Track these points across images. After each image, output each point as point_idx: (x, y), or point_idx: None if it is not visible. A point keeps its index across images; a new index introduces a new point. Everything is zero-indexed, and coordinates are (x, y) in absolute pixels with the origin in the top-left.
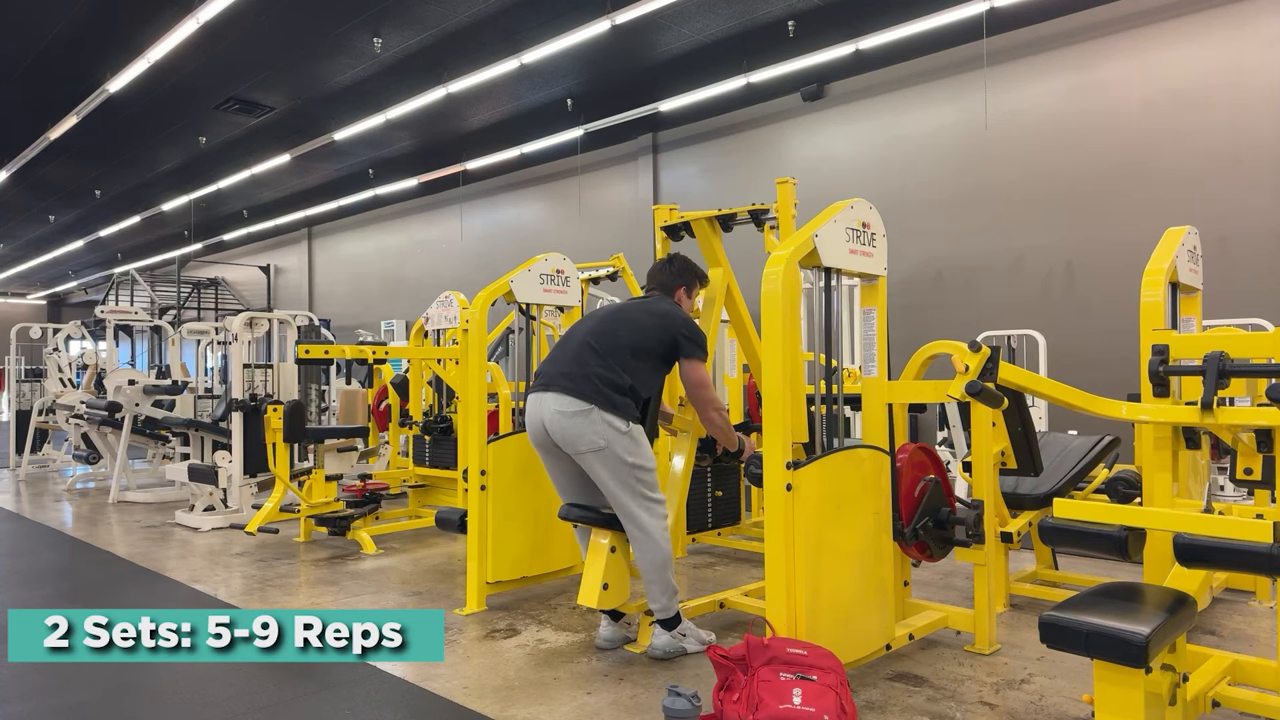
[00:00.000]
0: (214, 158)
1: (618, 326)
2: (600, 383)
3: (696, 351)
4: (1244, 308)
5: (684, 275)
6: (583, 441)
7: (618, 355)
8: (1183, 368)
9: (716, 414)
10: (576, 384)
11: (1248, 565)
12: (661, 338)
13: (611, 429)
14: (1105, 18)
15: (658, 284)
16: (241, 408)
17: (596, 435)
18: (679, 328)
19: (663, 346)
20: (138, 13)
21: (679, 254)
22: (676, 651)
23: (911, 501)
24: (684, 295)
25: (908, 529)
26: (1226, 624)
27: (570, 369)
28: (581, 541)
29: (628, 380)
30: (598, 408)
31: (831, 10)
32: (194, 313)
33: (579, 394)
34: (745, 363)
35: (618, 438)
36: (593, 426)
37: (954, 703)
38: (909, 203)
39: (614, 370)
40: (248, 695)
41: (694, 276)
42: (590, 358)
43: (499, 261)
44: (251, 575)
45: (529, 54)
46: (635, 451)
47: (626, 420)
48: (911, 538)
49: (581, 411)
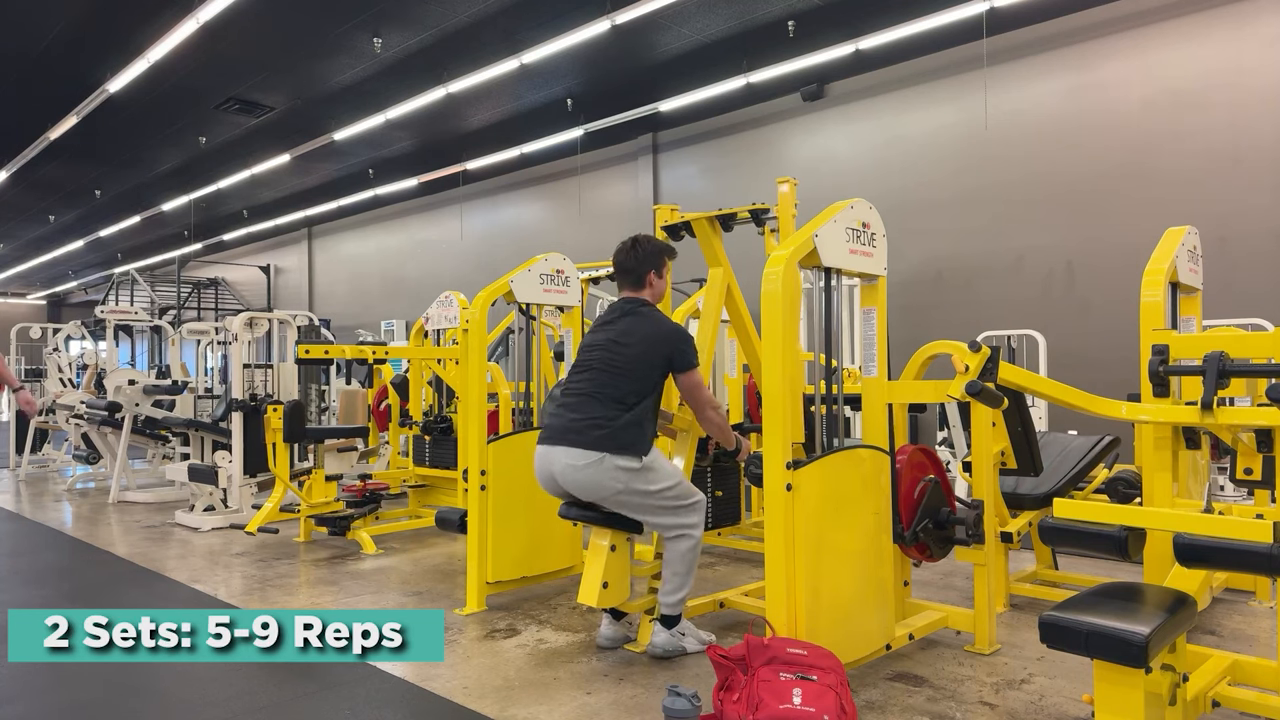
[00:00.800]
0: (214, 158)
1: (612, 362)
2: (606, 426)
3: (690, 361)
4: (1244, 308)
5: (652, 258)
6: (601, 489)
7: (616, 391)
8: (1183, 368)
9: (714, 412)
10: (582, 435)
11: (1248, 565)
12: (653, 361)
13: (625, 471)
14: (1105, 18)
15: (627, 275)
16: (241, 408)
17: (613, 480)
18: (670, 345)
19: (657, 370)
20: (138, 13)
21: (642, 235)
22: (676, 650)
23: (911, 504)
24: (654, 278)
25: (908, 532)
26: (1226, 624)
27: (573, 421)
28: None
29: (632, 413)
30: (608, 454)
31: (831, 10)
32: (194, 313)
33: (586, 444)
34: (745, 363)
35: (634, 476)
36: (607, 473)
37: (954, 703)
38: (909, 203)
39: (615, 408)
40: (248, 695)
41: (662, 254)
42: (593, 406)
43: (499, 261)
44: (251, 575)
45: (529, 54)
46: (655, 479)
47: (638, 456)
48: (911, 540)
49: (592, 463)
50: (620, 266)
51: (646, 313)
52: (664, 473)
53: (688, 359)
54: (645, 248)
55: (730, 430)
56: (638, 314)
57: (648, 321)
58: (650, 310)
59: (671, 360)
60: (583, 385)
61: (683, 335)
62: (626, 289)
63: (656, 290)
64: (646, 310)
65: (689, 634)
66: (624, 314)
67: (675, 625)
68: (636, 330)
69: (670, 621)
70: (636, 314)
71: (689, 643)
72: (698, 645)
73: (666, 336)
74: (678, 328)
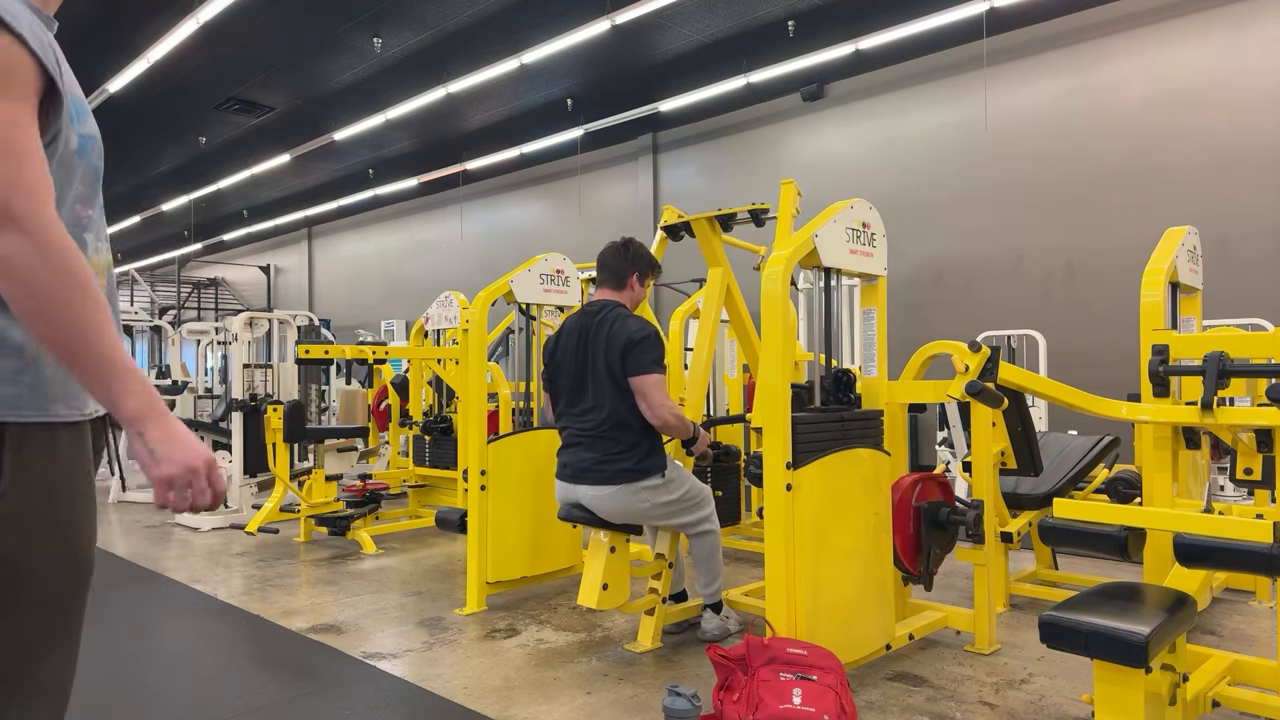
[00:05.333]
0: (214, 158)
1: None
2: (625, 459)
3: (642, 366)
4: (1244, 308)
5: (638, 261)
6: (632, 513)
7: (621, 420)
8: (1183, 368)
9: (669, 414)
10: (602, 472)
11: (1248, 565)
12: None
13: (650, 490)
14: (1105, 18)
15: (610, 271)
16: (241, 408)
17: (641, 502)
18: (624, 348)
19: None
20: (138, 13)
21: (633, 239)
22: (725, 633)
23: (910, 542)
24: (636, 282)
25: (921, 574)
26: (1226, 624)
27: (591, 462)
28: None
29: (646, 439)
30: (631, 482)
31: (831, 10)
32: (194, 313)
33: (609, 480)
34: (745, 363)
35: (658, 492)
36: (633, 497)
37: (954, 703)
38: (909, 203)
39: (628, 438)
40: (248, 695)
41: (648, 264)
42: (605, 445)
43: (499, 261)
44: (251, 575)
45: (529, 54)
46: (675, 487)
47: (660, 472)
48: (929, 580)
49: (617, 491)
50: (606, 263)
51: (618, 315)
52: (681, 478)
53: (640, 363)
54: (635, 250)
55: (685, 421)
56: (608, 320)
57: (616, 326)
58: (622, 313)
59: (625, 363)
60: (587, 424)
61: (642, 339)
62: (606, 288)
63: (635, 295)
64: (619, 312)
65: (730, 616)
66: (600, 322)
67: (721, 609)
68: (609, 341)
69: (716, 608)
70: (606, 321)
71: (731, 624)
72: (738, 625)
73: (625, 342)
74: (640, 330)
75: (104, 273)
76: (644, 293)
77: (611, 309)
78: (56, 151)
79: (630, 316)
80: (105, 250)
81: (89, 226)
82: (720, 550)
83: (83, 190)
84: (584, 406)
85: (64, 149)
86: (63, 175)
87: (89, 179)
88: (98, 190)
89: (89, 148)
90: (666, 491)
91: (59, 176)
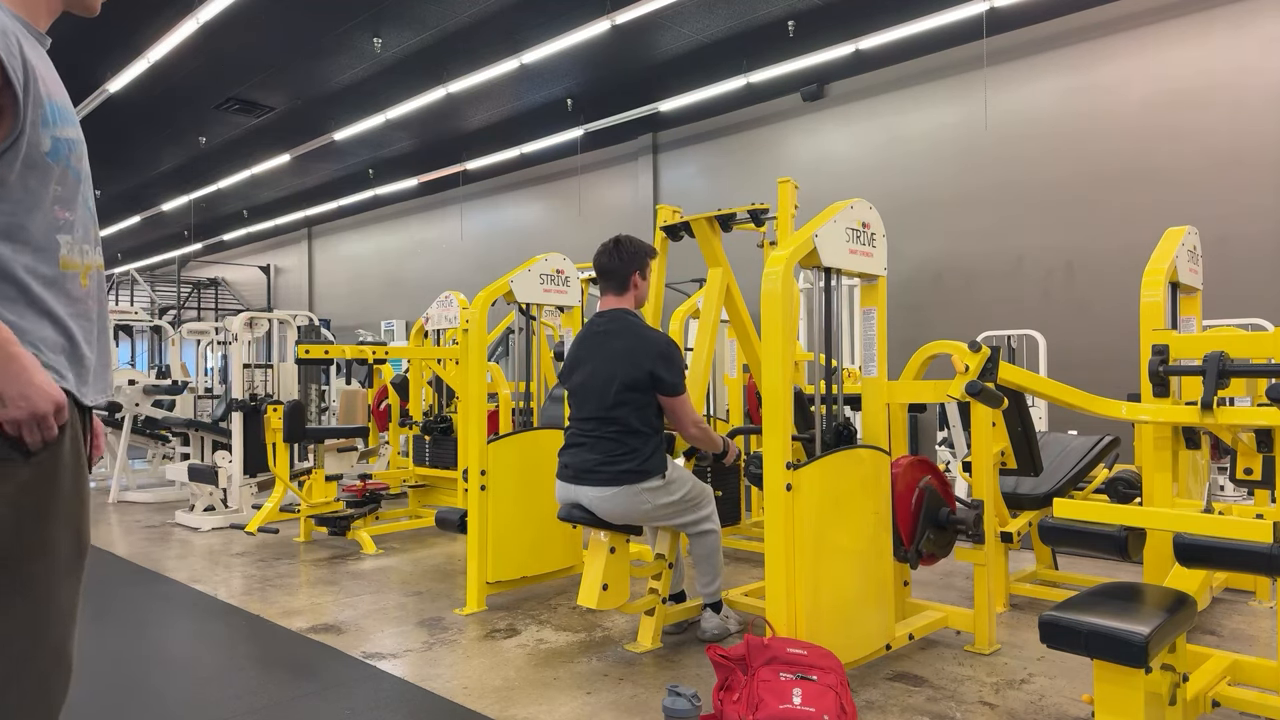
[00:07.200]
0: (214, 158)
1: (615, 395)
2: (626, 461)
3: (678, 386)
4: (1244, 308)
5: (636, 258)
6: (633, 514)
7: (625, 424)
8: (1183, 368)
9: (696, 429)
10: (603, 474)
11: (1248, 565)
12: (646, 382)
13: (651, 491)
14: (1105, 18)
15: (610, 278)
16: (241, 408)
17: (642, 504)
18: (654, 364)
19: (651, 389)
20: (138, 13)
21: (623, 235)
22: (724, 633)
23: (909, 517)
24: (639, 280)
25: (910, 550)
26: (1226, 624)
27: (592, 463)
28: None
29: (648, 442)
30: (633, 484)
31: (831, 10)
32: (194, 313)
33: (610, 481)
34: (745, 363)
35: (659, 493)
36: (635, 499)
37: (954, 703)
38: (909, 203)
39: (630, 441)
40: (248, 695)
41: (645, 255)
42: (608, 446)
43: (499, 261)
44: (251, 575)
45: (529, 54)
46: (675, 489)
47: (660, 473)
48: (915, 558)
49: (619, 492)
50: (603, 269)
51: (634, 326)
52: (682, 479)
53: (675, 385)
54: (629, 248)
55: (715, 436)
56: (625, 331)
57: (634, 339)
58: (638, 324)
59: (657, 384)
60: (592, 427)
61: (667, 355)
62: (609, 294)
63: (640, 294)
64: (634, 323)
65: (730, 616)
66: (610, 333)
67: (721, 609)
68: (627, 352)
69: (716, 608)
70: (624, 331)
71: (731, 624)
72: (738, 625)
73: (653, 356)
74: (662, 346)
75: (87, 274)
76: (649, 286)
77: (622, 320)
78: (20, 153)
79: (645, 328)
80: (91, 252)
81: (66, 228)
82: (721, 550)
83: (61, 192)
84: (590, 410)
85: (30, 150)
86: (34, 177)
87: (69, 181)
88: (80, 192)
89: (63, 150)
90: (668, 492)
91: (27, 177)
